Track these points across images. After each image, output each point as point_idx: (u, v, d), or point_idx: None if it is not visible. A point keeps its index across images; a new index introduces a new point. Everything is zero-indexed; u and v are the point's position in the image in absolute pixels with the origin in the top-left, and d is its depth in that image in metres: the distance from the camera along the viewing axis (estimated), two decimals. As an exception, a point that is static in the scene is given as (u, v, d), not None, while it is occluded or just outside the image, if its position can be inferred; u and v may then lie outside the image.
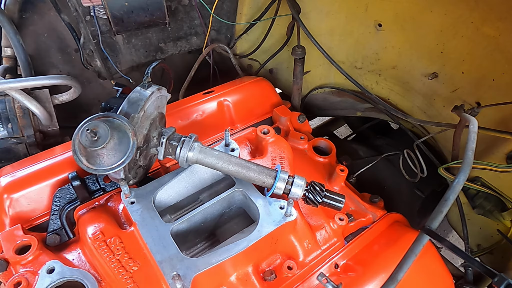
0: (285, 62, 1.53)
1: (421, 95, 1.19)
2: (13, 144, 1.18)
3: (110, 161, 0.67)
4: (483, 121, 0.90)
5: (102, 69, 1.31)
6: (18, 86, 1.10)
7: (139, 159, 0.80)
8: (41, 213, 0.92)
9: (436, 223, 0.69)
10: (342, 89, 1.45)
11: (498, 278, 0.61)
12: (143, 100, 0.75)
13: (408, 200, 1.38)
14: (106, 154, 0.66)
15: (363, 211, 1.04)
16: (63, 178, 0.95)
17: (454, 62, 1.01)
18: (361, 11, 1.18)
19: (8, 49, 1.26)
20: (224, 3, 1.35)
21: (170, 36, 1.37)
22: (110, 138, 0.65)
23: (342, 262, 0.90)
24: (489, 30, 0.88)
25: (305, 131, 1.27)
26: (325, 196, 0.78)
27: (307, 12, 1.27)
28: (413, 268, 0.65)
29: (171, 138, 0.82)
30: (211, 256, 0.75)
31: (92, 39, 1.21)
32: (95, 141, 0.64)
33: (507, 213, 1.01)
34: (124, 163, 0.68)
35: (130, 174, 0.78)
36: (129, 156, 0.68)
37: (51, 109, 1.24)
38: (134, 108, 0.74)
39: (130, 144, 0.68)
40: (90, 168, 0.67)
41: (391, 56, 1.20)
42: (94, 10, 1.14)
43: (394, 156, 1.36)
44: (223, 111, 1.23)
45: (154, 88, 0.78)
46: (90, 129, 0.64)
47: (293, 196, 0.77)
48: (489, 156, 0.99)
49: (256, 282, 0.80)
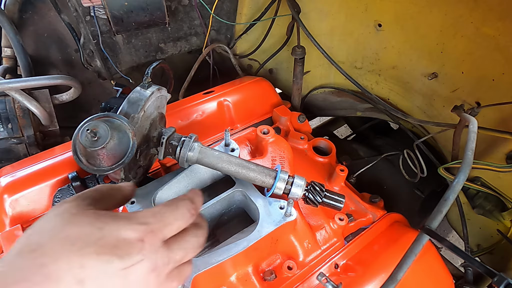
0: (285, 62, 1.53)
1: (421, 95, 1.19)
2: (13, 144, 1.18)
3: (110, 162, 0.67)
4: (483, 121, 0.90)
5: (102, 69, 1.31)
6: (18, 86, 1.10)
7: (139, 159, 0.80)
8: (41, 213, 0.92)
9: (436, 223, 0.69)
10: (342, 89, 1.46)
11: (497, 278, 0.61)
12: (143, 100, 0.74)
13: (408, 200, 1.38)
14: (106, 154, 0.66)
15: (363, 211, 1.04)
16: (63, 178, 0.95)
17: (454, 62, 1.01)
18: (361, 11, 1.18)
19: (8, 49, 1.26)
20: (224, 3, 1.35)
21: (170, 36, 1.37)
22: (110, 138, 0.65)
23: (342, 262, 0.90)
24: (489, 30, 0.88)
25: (305, 131, 1.27)
26: (325, 196, 0.78)
27: (307, 12, 1.27)
28: (413, 268, 0.65)
29: (171, 138, 0.82)
30: (211, 256, 0.75)
31: (92, 39, 1.21)
32: (95, 141, 0.64)
33: (507, 213, 1.01)
34: (124, 163, 0.68)
35: (130, 174, 0.78)
36: (129, 156, 0.68)
37: (51, 109, 1.24)
38: (134, 108, 0.73)
39: (130, 144, 0.68)
40: (90, 168, 0.67)
41: (391, 56, 1.20)
42: (94, 10, 1.14)
43: (394, 156, 1.36)
44: (223, 111, 1.23)
45: (154, 88, 0.78)
46: (90, 129, 0.63)
47: (293, 196, 0.77)
48: (489, 156, 0.99)
49: (256, 282, 0.80)
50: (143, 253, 0.41)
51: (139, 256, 0.41)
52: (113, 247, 0.40)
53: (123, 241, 0.41)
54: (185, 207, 0.49)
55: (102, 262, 0.39)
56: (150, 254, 0.42)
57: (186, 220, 0.49)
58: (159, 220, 0.45)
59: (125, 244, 0.41)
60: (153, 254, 0.42)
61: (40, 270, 0.37)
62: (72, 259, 0.38)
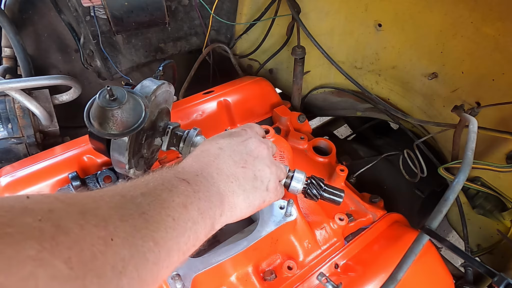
0: (285, 62, 1.53)
1: (421, 95, 1.19)
2: (13, 144, 1.18)
3: (121, 127, 0.70)
4: (483, 121, 0.90)
5: (102, 69, 1.31)
6: (18, 86, 1.10)
7: (143, 146, 0.81)
8: (41, 213, 0.92)
9: (436, 223, 0.69)
10: (342, 89, 1.45)
11: (498, 278, 0.61)
12: (155, 86, 0.79)
13: (408, 200, 1.38)
14: (120, 117, 0.69)
15: (363, 211, 1.04)
16: (63, 178, 0.95)
17: (454, 62, 1.01)
18: (361, 11, 1.18)
19: (8, 49, 1.26)
20: (224, 3, 1.35)
21: (170, 36, 1.37)
22: (126, 100, 0.69)
23: (342, 262, 0.90)
24: (489, 30, 0.88)
25: (305, 131, 1.27)
26: (324, 190, 0.79)
27: (307, 12, 1.27)
28: (413, 268, 0.65)
29: (176, 129, 0.85)
30: (211, 256, 0.76)
31: (92, 39, 1.21)
32: (112, 101, 0.68)
33: (507, 213, 1.01)
34: (134, 130, 0.70)
35: (134, 159, 0.79)
36: (140, 124, 0.70)
37: (51, 109, 1.24)
38: (147, 91, 0.78)
39: (142, 114, 0.72)
40: (101, 132, 0.69)
41: (391, 56, 1.20)
42: (94, 10, 1.14)
43: (394, 156, 1.36)
44: (223, 111, 1.23)
45: (165, 81, 0.83)
46: (110, 87, 0.68)
47: (293, 190, 0.78)
48: (489, 156, 0.99)
49: (256, 282, 0.80)
50: (248, 134, 0.70)
51: (247, 135, 0.69)
52: (230, 134, 0.69)
53: (234, 132, 0.70)
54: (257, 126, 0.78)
55: (228, 139, 0.67)
56: (252, 134, 0.70)
57: (262, 130, 0.79)
58: (247, 125, 0.75)
59: (236, 132, 0.70)
60: (254, 135, 0.70)
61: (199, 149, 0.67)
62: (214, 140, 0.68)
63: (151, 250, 0.41)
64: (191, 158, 0.63)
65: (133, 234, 0.40)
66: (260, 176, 0.65)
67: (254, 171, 0.65)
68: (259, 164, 0.66)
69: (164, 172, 0.55)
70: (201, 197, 0.53)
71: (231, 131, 0.71)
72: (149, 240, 0.41)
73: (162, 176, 0.53)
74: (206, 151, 0.64)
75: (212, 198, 0.56)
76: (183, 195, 0.51)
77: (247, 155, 0.65)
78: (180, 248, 0.47)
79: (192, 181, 0.54)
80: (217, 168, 0.61)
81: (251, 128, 0.74)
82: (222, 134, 0.70)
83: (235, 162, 0.63)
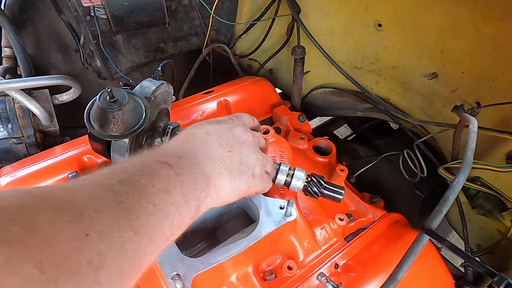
0: (285, 62, 1.53)
1: (421, 95, 1.19)
2: (13, 144, 1.18)
3: (122, 128, 0.70)
4: (483, 121, 0.90)
5: (102, 69, 1.31)
6: (18, 86, 1.10)
7: (143, 146, 0.81)
8: (41, 213, 0.92)
9: (436, 223, 0.69)
10: (342, 89, 1.45)
11: (498, 278, 0.61)
12: (154, 86, 0.79)
13: (408, 200, 1.38)
14: (121, 118, 0.69)
15: (363, 211, 1.04)
16: (63, 178, 0.95)
17: (454, 62, 1.01)
18: (361, 11, 1.18)
19: (8, 49, 1.26)
20: (224, 3, 1.35)
21: (170, 36, 1.37)
22: (127, 102, 0.69)
23: (342, 262, 0.90)
24: (489, 30, 0.88)
25: (305, 131, 1.27)
26: (324, 187, 0.79)
27: (307, 12, 1.27)
28: (413, 268, 0.65)
29: (176, 129, 0.86)
30: (211, 256, 0.75)
31: (92, 39, 1.21)
32: (112, 103, 0.68)
33: (507, 213, 1.01)
34: (135, 131, 0.70)
35: None
36: (141, 125, 0.71)
37: (51, 109, 1.24)
38: (146, 92, 0.78)
39: (143, 115, 0.72)
40: (102, 134, 0.69)
41: (391, 56, 1.20)
42: (94, 10, 1.14)
43: (394, 156, 1.36)
44: (223, 111, 1.23)
45: (164, 82, 0.83)
46: (110, 89, 0.67)
47: (294, 188, 0.78)
48: (489, 156, 0.99)
49: (256, 282, 0.80)
50: (235, 122, 0.71)
51: (234, 124, 0.71)
52: (218, 121, 0.70)
53: (222, 120, 0.72)
54: (246, 115, 0.80)
55: (216, 125, 0.68)
56: (239, 123, 0.72)
57: (251, 120, 0.81)
58: (235, 115, 0.77)
59: (223, 120, 0.71)
60: (241, 124, 0.72)
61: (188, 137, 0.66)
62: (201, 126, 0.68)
63: (130, 239, 0.40)
64: (175, 141, 0.64)
65: (110, 225, 0.38)
66: (246, 162, 0.67)
67: (241, 156, 0.66)
68: (245, 150, 0.68)
69: (143, 157, 0.53)
70: (184, 180, 0.52)
71: (218, 118, 0.72)
72: (128, 230, 0.40)
73: (141, 161, 0.51)
74: (192, 135, 0.65)
75: (197, 180, 0.56)
76: (164, 179, 0.49)
77: (233, 140, 0.67)
78: (164, 233, 0.46)
79: (174, 164, 0.53)
80: (203, 151, 0.61)
81: (238, 117, 0.75)
82: (210, 121, 0.71)
83: (221, 146, 0.64)
